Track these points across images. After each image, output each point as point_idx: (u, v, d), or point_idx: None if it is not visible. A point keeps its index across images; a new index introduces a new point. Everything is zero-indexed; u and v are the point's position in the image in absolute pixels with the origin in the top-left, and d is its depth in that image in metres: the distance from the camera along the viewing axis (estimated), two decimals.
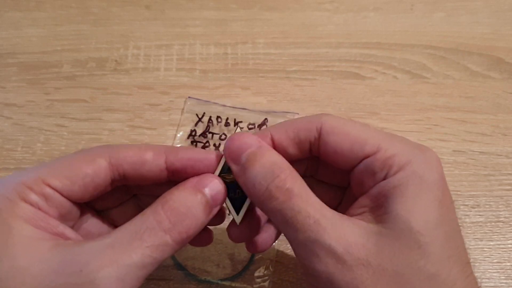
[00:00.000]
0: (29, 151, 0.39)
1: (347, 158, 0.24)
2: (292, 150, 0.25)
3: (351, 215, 0.23)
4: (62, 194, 0.23)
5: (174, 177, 0.25)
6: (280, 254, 0.34)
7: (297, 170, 0.26)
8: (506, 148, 0.40)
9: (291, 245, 0.23)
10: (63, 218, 0.23)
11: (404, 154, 0.23)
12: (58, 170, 0.23)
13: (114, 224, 0.27)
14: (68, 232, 0.23)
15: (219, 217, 0.26)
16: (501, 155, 0.39)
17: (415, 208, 0.21)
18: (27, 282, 0.19)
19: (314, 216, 0.21)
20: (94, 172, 0.23)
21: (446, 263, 0.21)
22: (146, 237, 0.21)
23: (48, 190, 0.22)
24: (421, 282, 0.20)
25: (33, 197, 0.22)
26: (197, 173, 0.25)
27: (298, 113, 0.41)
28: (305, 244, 0.21)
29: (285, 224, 0.22)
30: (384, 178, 0.22)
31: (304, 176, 0.27)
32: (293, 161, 0.25)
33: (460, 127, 0.41)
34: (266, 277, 0.33)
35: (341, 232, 0.21)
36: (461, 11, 0.49)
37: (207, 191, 0.23)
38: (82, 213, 0.26)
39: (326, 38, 0.47)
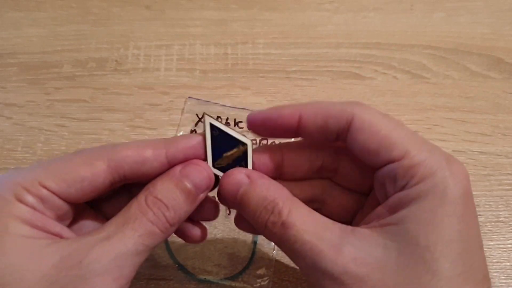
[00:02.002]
0: (29, 151, 0.39)
1: (372, 158, 0.23)
2: (317, 135, 0.24)
3: (367, 223, 0.23)
4: (59, 197, 0.23)
5: None
6: (280, 254, 0.34)
7: (315, 165, 0.26)
8: (506, 148, 0.40)
9: (301, 271, 0.23)
10: (59, 218, 0.24)
11: (430, 164, 0.22)
12: (55, 172, 0.23)
13: (107, 217, 0.26)
14: (65, 232, 0.23)
15: (213, 211, 0.27)
16: (500, 155, 0.40)
17: (426, 222, 0.21)
18: (26, 278, 0.20)
19: (310, 242, 0.21)
20: (92, 175, 0.23)
21: (456, 280, 0.20)
22: (137, 227, 0.22)
23: (45, 192, 0.22)
24: None
25: (30, 199, 0.22)
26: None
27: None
28: (307, 270, 0.22)
29: (288, 253, 0.23)
30: (404, 187, 0.22)
31: (322, 177, 0.27)
32: (312, 153, 0.26)
33: (459, 127, 0.41)
34: (266, 277, 0.33)
35: (339, 253, 0.21)
36: (461, 11, 0.49)
37: (189, 180, 0.24)
38: (77, 210, 0.25)
39: (326, 38, 0.47)
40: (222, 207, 0.36)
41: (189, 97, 0.42)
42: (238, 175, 0.24)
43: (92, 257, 0.21)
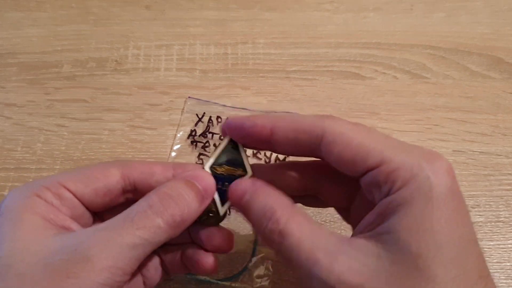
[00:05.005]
0: (29, 151, 0.39)
1: (350, 169, 0.23)
2: (290, 149, 0.25)
3: (358, 232, 0.23)
4: (75, 196, 0.25)
5: None
6: None
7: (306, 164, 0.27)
8: (506, 148, 0.40)
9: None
10: (75, 219, 0.25)
11: (409, 167, 0.21)
12: (74, 175, 0.25)
13: None
14: (75, 226, 0.25)
15: (226, 240, 0.28)
16: (501, 155, 0.39)
17: (416, 229, 0.21)
18: (26, 259, 0.21)
19: (306, 251, 0.22)
20: (106, 178, 0.25)
21: (450, 284, 0.20)
22: (137, 220, 0.22)
23: (63, 191, 0.24)
24: None
25: (48, 195, 0.24)
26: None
27: (297, 113, 0.41)
28: (304, 278, 0.22)
29: (285, 261, 0.23)
30: (388, 193, 0.22)
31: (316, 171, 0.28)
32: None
33: (460, 127, 0.41)
34: (266, 277, 0.33)
35: (334, 262, 0.21)
36: (461, 11, 0.49)
37: (198, 182, 0.25)
38: (94, 224, 0.27)
39: (326, 38, 0.47)
40: None
41: (189, 97, 0.42)
42: (244, 183, 0.25)
43: (86, 245, 0.22)
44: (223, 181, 0.26)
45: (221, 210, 0.26)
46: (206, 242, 0.27)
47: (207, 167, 0.26)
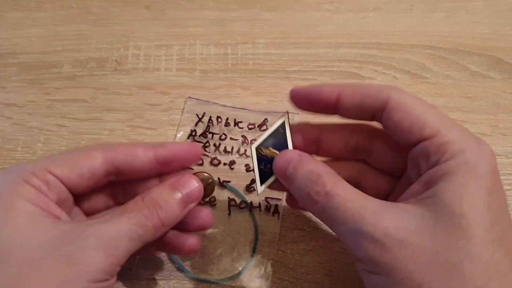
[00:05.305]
0: (29, 151, 0.39)
1: (406, 136, 0.25)
2: (354, 113, 0.26)
3: (403, 200, 0.24)
4: (61, 181, 0.26)
5: (163, 169, 0.28)
6: (280, 254, 0.34)
7: (350, 144, 0.29)
8: (506, 148, 0.40)
9: (339, 238, 0.25)
10: (59, 204, 0.26)
11: (460, 142, 0.23)
12: (59, 161, 0.26)
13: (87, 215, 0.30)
14: (64, 216, 0.26)
15: (207, 219, 0.29)
16: (500, 155, 0.39)
17: (460, 194, 0.22)
18: (27, 245, 0.22)
19: (352, 209, 0.23)
20: (90, 162, 0.26)
21: (490, 245, 0.21)
22: (132, 217, 0.25)
23: (50, 177, 0.25)
24: (462, 261, 0.21)
25: (36, 181, 0.25)
26: (183, 163, 0.29)
27: (298, 113, 0.41)
28: (347, 235, 0.24)
29: (328, 221, 0.25)
30: (436, 163, 0.23)
31: (357, 159, 0.30)
32: (348, 133, 0.28)
33: None
34: (266, 277, 0.33)
35: (379, 218, 0.23)
36: (461, 11, 0.49)
37: (183, 188, 0.27)
38: (74, 210, 0.28)
39: (326, 38, 0.47)
40: (222, 209, 0.36)
41: (189, 97, 0.42)
42: (291, 153, 0.27)
43: (90, 233, 0.23)
44: (265, 163, 0.28)
45: (260, 189, 0.28)
46: (189, 223, 0.29)
47: (253, 147, 0.28)
